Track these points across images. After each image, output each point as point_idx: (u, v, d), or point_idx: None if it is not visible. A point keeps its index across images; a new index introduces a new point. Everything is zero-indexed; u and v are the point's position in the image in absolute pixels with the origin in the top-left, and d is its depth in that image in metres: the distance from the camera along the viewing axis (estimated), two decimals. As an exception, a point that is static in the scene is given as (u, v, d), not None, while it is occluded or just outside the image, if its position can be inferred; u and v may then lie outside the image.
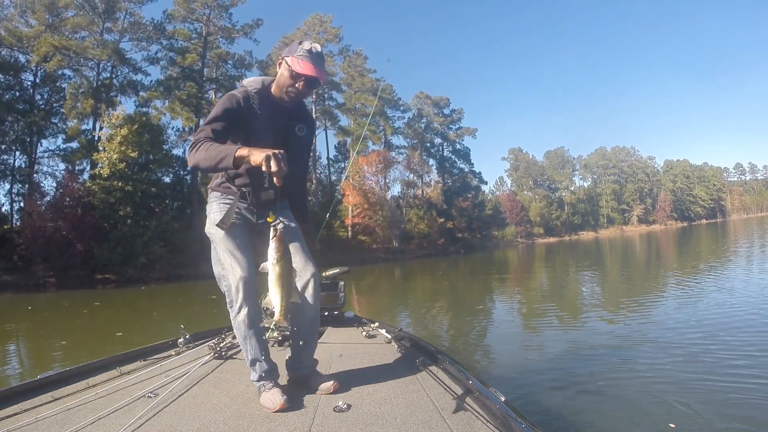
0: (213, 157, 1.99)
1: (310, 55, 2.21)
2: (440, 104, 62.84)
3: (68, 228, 26.29)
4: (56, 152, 34.13)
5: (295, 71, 2.19)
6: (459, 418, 1.96)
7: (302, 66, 2.18)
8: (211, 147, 2.02)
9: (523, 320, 9.17)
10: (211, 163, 2.00)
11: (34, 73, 32.87)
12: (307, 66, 2.19)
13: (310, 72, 2.19)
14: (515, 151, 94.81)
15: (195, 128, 36.62)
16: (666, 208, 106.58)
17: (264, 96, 2.31)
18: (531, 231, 78.99)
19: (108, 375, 2.75)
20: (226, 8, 37.86)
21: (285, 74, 2.25)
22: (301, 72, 2.19)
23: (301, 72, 2.19)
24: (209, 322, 3.46)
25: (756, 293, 9.33)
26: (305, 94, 2.35)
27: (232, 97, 2.23)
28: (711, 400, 3.96)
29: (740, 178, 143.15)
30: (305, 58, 2.20)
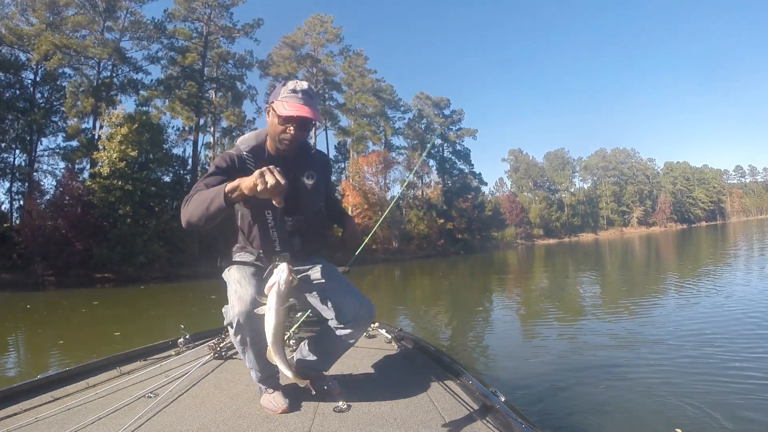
0: (202, 202, 1.78)
1: (295, 95, 2.01)
2: (441, 105, 62.87)
3: (68, 227, 26.28)
4: (56, 151, 34.19)
5: (282, 115, 2.00)
6: (459, 418, 1.97)
7: (288, 108, 1.99)
8: (200, 194, 1.83)
9: (523, 321, 9.17)
10: (202, 208, 1.77)
11: (34, 72, 32.89)
12: (293, 106, 1.99)
13: (298, 112, 1.98)
14: (515, 153, 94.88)
15: (195, 127, 36.68)
16: (666, 210, 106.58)
17: (259, 152, 2.15)
18: (531, 232, 79.05)
19: (108, 375, 2.75)
20: (227, 8, 37.89)
21: (274, 122, 2.06)
22: (288, 115, 1.99)
23: (289, 114, 1.99)
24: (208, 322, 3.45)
25: (757, 295, 9.30)
26: (301, 138, 2.10)
27: (225, 156, 2.10)
28: (716, 402, 3.94)
29: (740, 181, 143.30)
30: (290, 99, 2.01)
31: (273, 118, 2.06)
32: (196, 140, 37.20)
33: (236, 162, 2.08)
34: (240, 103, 39.74)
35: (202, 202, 1.77)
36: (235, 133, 40.57)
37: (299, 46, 47.11)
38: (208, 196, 1.76)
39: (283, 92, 2.03)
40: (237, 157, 2.10)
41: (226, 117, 38.48)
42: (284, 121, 2.02)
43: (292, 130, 2.04)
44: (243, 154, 2.12)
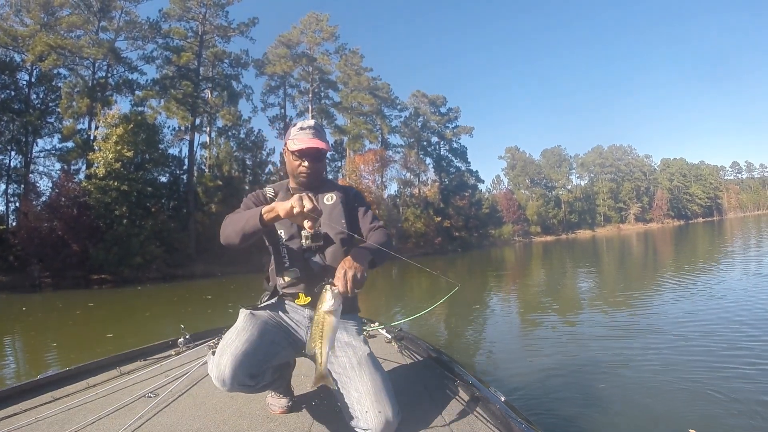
0: (239, 221, 1.95)
1: (303, 131, 2.19)
2: (437, 103, 62.84)
3: (64, 228, 26.14)
4: (52, 152, 33.98)
5: (295, 150, 2.15)
6: (459, 418, 1.97)
7: (298, 143, 2.15)
8: (237, 216, 2.01)
9: (523, 320, 9.17)
10: (237, 228, 1.94)
11: (29, 73, 32.65)
12: (303, 141, 2.15)
13: (308, 144, 2.14)
14: (512, 150, 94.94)
15: (191, 127, 36.55)
16: (663, 206, 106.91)
17: (282, 190, 2.30)
18: (528, 229, 79.15)
19: (108, 375, 2.76)
20: (222, 6, 37.75)
21: (289, 160, 2.22)
22: (299, 148, 2.14)
23: (299, 148, 2.14)
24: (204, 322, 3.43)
25: (761, 291, 9.26)
26: (317, 171, 2.24)
27: (252, 195, 2.30)
28: (728, 400, 3.93)
29: (737, 177, 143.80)
30: (300, 135, 2.18)
31: (288, 157, 2.23)
32: (192, 140, 37.08)
33: (261, 198, 2.25)
34: (236, 103, 39.59)
35: (239, 222, 1.94)
36: (231, 132, 40.54)
37: (295, 44, 47.04)
38: (244, 217, 1.93)
39: (293, 132, 2.21)
40: (263, 194, 2.28)
41: (221, 116, 38.31)
42: (297, 155, 2.17)
43: (306, 163, 2.18)
44: (268, 193, 2.29)
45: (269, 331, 2.04)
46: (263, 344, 1.96)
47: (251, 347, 1.89)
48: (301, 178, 2.21)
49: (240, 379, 1.85)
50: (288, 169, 2.28)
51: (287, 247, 2.17)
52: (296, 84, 48.45)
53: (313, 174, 2.21)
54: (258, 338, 1.94)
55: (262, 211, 1.85)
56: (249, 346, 1.89)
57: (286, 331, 2.15)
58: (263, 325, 2.04)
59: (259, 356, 1.92)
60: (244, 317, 2.04)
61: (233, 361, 1.82)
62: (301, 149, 2.14)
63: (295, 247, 2.16)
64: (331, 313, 1.74)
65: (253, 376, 1.90)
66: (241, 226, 1.91)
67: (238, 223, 1.93)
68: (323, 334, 1.73)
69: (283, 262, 2.19)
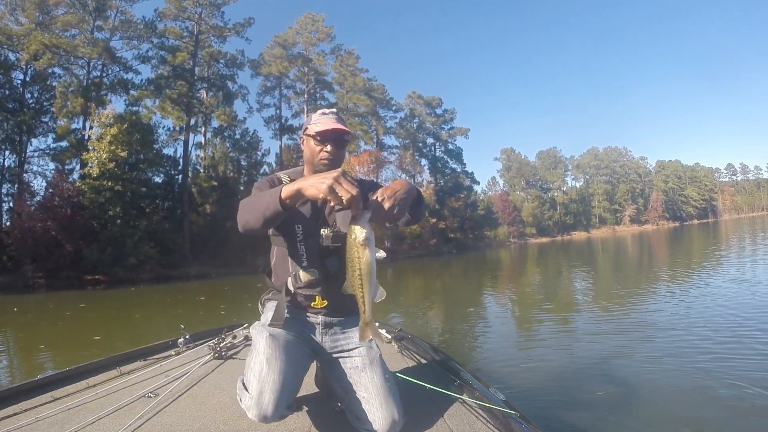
0: (258, 206, 1.74)
1: (325, 115, 2.11)
2: (432, 104, 62.89)
3: (57, 228, 26.03)
4: (46, 152, 33.83)
5: (318, 131, 2.02)
6: (459, 418, 1.97)
7: (321, 125, 2.04)
8: (255, 197, 1.83)
9: (520, 320, 9.19)
10: (258, 213, 1.73)
11: (24, 72, 32.50)
12: (325, 123, 2.04)
13: (332, 126, 2.03)
14: (507, 152, 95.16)
15: (185, 127, 36.41)
16: (658, 208, 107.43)
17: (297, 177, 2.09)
18: (523, 231, 79.28)
19: (108, 375, 2.74)
20: (218, 6, 37.67)
21: (311, 144, 2.08)
22: (323, 129, 2.02)
23: (324, 129, 2.02)
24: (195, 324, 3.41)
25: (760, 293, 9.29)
26: (339, 157, 2.09)
27: (265, 179, 2.14)
28: (721, 402, 3.95)
29: (732, 179, 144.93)
30: (321, 118, 2.09)
31: (308, 143, 2.10)
32: (186, 140, 36.96)
33: (276, 184, 2.06)
34: (231, 103, 39.51)
35: (257, 207, 1.74)
36: (227, 133, 40.43)
37: (291, 45, 46.98)
38: (263, 201, 1.71)
39: (314, 117, 2.11)
40: (277, 179, 2.12)
41: (216, 117, 38.20)
42: (320, 139, 2.04)
43: (329, 148, 2.04)
44: (283, 177, 2.13)
45: (293, 350, 1.93)
46: (295, 370, 1.87)
47: (287, 378, 1.79)
48: (323, 164, 2.05)
49: (281, 413, 1.77)
50: (306, 157, 2.13)
51: (305, 244, 2.03)
52: (292, 85, 48.41)
53: (335, 160, 2.07)
54: (289, 365, 1.83)
55: (282, 195, 1.63)
56: (285, 377, 1.78)
57: (305, 342, 2.05)
58: (287, 345, 1.91)
59: (295, 385, 1.86)
60: (267, 341, 1.87)
61: (275, 399, 1.73)
62: (324, 131, 2.02)
63: (313, 246, 2.03)
64: (365, 245, 1.53)
65: (290, 405, 1.82)
66: (261, 208, 1.71)
67: (258, 206, 1.73)
68: (362, 275, 1.55)
69: (301, 261, 2.04)
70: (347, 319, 2.12)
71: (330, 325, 2.10)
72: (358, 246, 1.52)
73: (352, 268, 1.55)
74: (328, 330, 2.10)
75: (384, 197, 1.61)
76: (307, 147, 2.11)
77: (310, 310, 2.10)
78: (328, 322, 2.10)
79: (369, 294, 1.56)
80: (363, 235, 1.52)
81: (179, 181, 36.20)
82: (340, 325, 2.12)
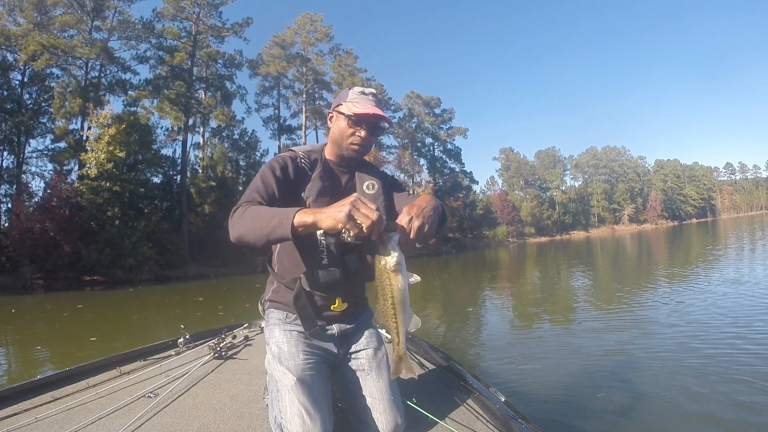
0: (261, 224, 1.50)
1: (365, 96, 1.88)
2: (431, 104, 62.93)
3: (56, 229, 26.02)
4: (44, 152, 33.81)
5: (354, 113, 1.81)
6: (459, 418, 1.97)
7: (359, 106, 1.82)
8: (260, 211, 1.55)
9: (521, 320, 9.18)
10: (261, 232, 1.50)
11: (22, 72, 32.45)
12: (365, 105, 1.83)
13: (372, 110, 1.81)
14: (506, 151, 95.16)
15: (184, 128, 36.36)
16: (657, 207, 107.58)
17: (315, 157, 1.94)
18: (522, 231, 79.28)
19: (108, 375, 2.74)
20: (216, 6, 37.62)
21: (341, 125, 1.87)
22: (362, 113, 1.80)
23: (363, 112, 1.80)
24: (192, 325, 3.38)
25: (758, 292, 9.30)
26: (369, 144, 1.90)
27: (278, 159, 1.86)
28: (720, 401, 3.96)
29: (730, 178, 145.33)
30: (360, 98, 1.87)
31: (340, 121, 1.88)
32: (185, 140, 36.90)
33: (290, 165, 1.85)
34: (229, 103, 39.50)
35: (261, 225, 1.50)
36: (225, 133, 40.41)
37: (289, 45, 46.96)
38: (269, 221, 1.48)
39: (351, 94, 1.89)
40: (291, 159, 1.88)
41: (215, 117, 38.17)
42: (355, 121, 1.83)
43: (363, 133, 1.85)
44: (300, 155, 1.92)
45: (323, 384, 1.78)
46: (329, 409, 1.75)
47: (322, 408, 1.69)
48: (352, 149, 1.88)
49: None
50: (333, 136, 1.92)
51: (326, 239, 1.82)
52: (290, 85, 48.36)
53: (366, 146, 1.89)
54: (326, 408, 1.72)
55: (295, 221, 1.43)
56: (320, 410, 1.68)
57: (325, 360, 1.89)
58: (311, 369, 1.77)
59: (329, 412, 1.74)
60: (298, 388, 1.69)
61: None
62: (362, 114, 1.81)
63: (334, 241, 1.82)
64: (397, 271, 1.38)
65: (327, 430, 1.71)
66: (266, 229, 1.48)
67: (262, 224, 1.50)
68: (395, 303, 1.40)
69: (320, 258, 1.81)
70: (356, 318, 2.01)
71: (346, 335, 1.95)
72: (389, 272, 1.39)
73: (383, 296, 1.41)
74: (343, 339, 1.95)
75: (411, 216, 1.48)
76: (336, 125, 1.90)
77: (326, 313, 1.89)
78: (344, 332, 1.94)
79: (403, 324, 1.43)
80: (394, 260, 1.38)
81: (178, 181, 36.17)
82: (352, 331, 1.98)
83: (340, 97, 1.93)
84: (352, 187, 1.94)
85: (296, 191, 1.81)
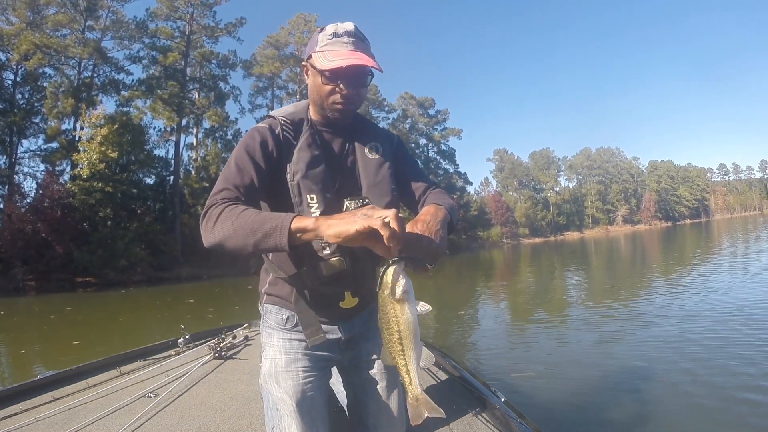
0: (247, 229, 1.18)
1: (338, 39, 1.41)
2: (425, 105, 63.09)
3: (48, 230, 25.86)
4: (37, 153, 33.58)
5: (326, 69, 1.38)
6: (459, 418, 1.97)
7: (332, 57, 1.37)
8: (244, 213, 1.22)
9: (519, 321, 9.21)
10: (247, 240, 1.18)
11: (14, 72, 32.26)
12: (339, 54, 1.37)
13: (348, 61, 1.35)
14: (500, 152, 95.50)
15: (177, 128, 36.19)
16: (651, 208, 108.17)
17: (300, 120, 1.52)
18: (516, 231, 79.51)
19: (108, 375, 2.73)
20: (210, 6, 37.55)
21: (316, 82, 1.45)
22: (334, 67, 1.36)
23: (335, 66, 1.36)
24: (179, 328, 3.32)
25: (747, 293, 9.33)
26: (356, 99, 1.48)
27: (254, 135, 1.44)
28: (719, 401, 3.97)
29: (724, 179, 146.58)
30: (333, 46, 1.40)
31: (313, 78, 1.46)
32: (178, 141, 36.83)
33: (270, 140, 1.43)
34: (223, 104, 39.46)
35: (248, 231, 1.18)
36: (218, 133, 40.29)
37: (283, 45, 46.87)
38: (260, 225, 1.17)
39: (321, 40, 1.43)
40: (270, 131, 1.45)
41: (208, 117, 38.08)
42: (330, 77, 1.40)
43: (343, 89, 1.42)
44: (281, 122, 1.49)
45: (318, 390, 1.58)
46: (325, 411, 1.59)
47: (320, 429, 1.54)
48: (335, 109, 1.46)
49: None
50: (312, 95, 1.50)
51: None
52: (284, 85, 48.28)
53: (352, 104, 1.47)
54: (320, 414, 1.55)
55: (292, 227, 1.14)
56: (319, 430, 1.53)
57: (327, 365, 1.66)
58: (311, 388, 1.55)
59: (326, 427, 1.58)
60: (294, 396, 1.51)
61: None
62: (338, 67, 1.36)
63: None
64: (403, 300, 1.13)
65: None
66: (253, 238, 1.17)
67: (248, 232, 1.18)
68: (402, 339, 1.16)
69: (323, 247, 1.41)
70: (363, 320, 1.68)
71: (351, 339, 1.65)
72: (394, 303, 1.14)
73: (388, 331, 1.16)
74: (349, 344, 1.65)
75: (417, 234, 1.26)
76: (312, 82, 1.48)
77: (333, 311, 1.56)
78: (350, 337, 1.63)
79: (413, 361, 1.19)
80: (400, 288, 1.12)
81: (170, 182, 36.03)
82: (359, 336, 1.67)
83: (310, 45, 1.50)
84: (350, 153, 1.56)
85: (280, 169, 1.44)
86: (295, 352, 1.55)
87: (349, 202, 1.47)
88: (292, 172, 1.43)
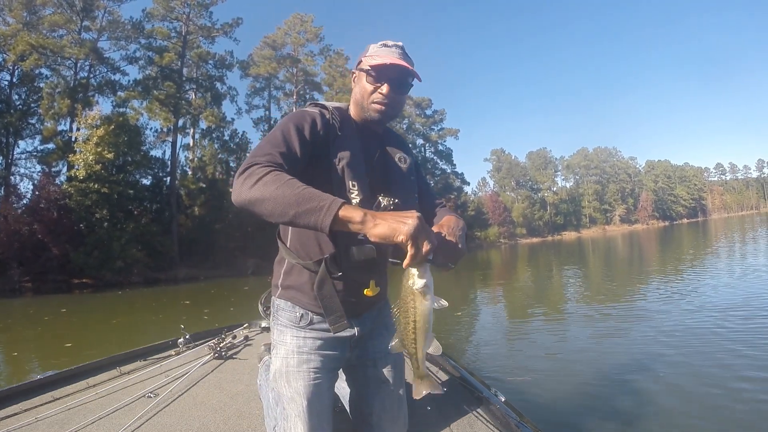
0: (291, 199, 1.19)
1: (387, 48, 1.57)
2: (422, 105, 63.11)
3: (44, 231, 25.77)
4: (33, 154, 33.43)
5: (373, 65, 1.52)
6: (459, 418, 1.98)
7: (382, 57, 1.52)
8: (291, 182, 1.22)
9: (518, 321, 9.22)
10: (287, 210, 1.19)
11: (10, 73, 32.08)
12: (386, 56, 1.52)
13: (394, 60, 1.51)
14: (498, 152, 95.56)
15: (174, 128, 36.09)
16: (648, 207, 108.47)
17: (345, 115, 1.62)
18: (514, 231, 79.54)
19: (108, 375, 2.73)
20: (206, 7, 37.44)
21: (362, 83, 1.58)
22: (381, 63, 1.51)
23: (382, 62, 1.50)
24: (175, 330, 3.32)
25: (747, 290, 9.37)
26: (395, 103, 1.59)
27: (305, 115, 1.51)
28: (718, 399, 3.98)
29: (721, 178, 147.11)
30: (381, 50, 1.56)
31: (360, 79, 1.60)
32: (174, 142, 36.65)
33: (318, 122, 1.51)
34: (219, 104, 39.29)
35: (291, 201, 1.18)
36: (215, 134, 40.22)
37: (280, 46, 46.86)
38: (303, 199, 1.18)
39: (372, 48, 1.59)
40: (321, 116, 1.54)
41: (205, 118, 37.97)
42: (376, 76, 1.53)
43: (385, 89, 1.53)
44: (330, 109, 1.59)
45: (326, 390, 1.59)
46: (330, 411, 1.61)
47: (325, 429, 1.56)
48: (375, 109, 1.56)
49: None
50: (356, 97, 1.62)
51: None
52: (281, 86, 48.28)
53: (391, 107, 1.58)
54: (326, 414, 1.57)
55: (340, 214, 1.15)
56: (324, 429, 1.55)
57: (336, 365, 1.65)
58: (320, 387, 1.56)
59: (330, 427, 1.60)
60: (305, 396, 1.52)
61: None
62: (382, 65, 1.51)
63: None
64: (424, 293, 1.23)
65: None
66: (294, 210, 1.18)
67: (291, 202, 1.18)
68: (417, 328, 1.27)
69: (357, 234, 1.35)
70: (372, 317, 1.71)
71: (362, 337, 1.65)
72: (415, 295, 1.23)
73: (405, 319, 1.26)
74: (359, 341, 1.66)
75: (444, 235, 1.37)
76: (358, 85, 1.61)
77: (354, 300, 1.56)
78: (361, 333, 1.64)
79: (423, 348, 1.31)
80: (422, 281, 1.21)
81: (167, 183, 35.91)
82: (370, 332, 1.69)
83: (361, 55, 1.64)
84: (382, 157, 1.65)
85: (323, 154, 1.50)
86: (307, 352, 1.56)
87: (382, 199, 1.52)
88: (339, 157, 1.50)
